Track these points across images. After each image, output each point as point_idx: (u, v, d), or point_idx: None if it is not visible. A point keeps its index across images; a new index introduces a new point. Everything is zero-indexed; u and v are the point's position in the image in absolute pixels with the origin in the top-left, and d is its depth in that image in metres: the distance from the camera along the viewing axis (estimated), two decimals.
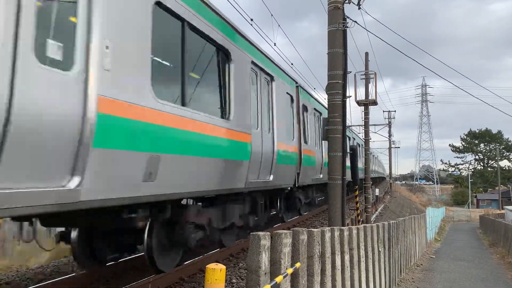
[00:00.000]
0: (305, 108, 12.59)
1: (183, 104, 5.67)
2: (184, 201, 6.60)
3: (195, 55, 6.25)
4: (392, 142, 53.04)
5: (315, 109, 14.17)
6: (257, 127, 8.33)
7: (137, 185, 4.76)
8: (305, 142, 12.30)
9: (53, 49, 3.68)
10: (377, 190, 30.46)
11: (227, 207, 7.71)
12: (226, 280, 4.29)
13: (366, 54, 22.99)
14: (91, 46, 3.97)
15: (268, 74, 9.14)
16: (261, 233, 4.11)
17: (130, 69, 4.54)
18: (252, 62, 8.23)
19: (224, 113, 6.96)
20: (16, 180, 3.34)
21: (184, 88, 5.78)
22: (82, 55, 3.89)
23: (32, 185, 3.46)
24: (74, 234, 6.17)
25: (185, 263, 7.49)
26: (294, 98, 11.33)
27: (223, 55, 7.08)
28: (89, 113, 3.90)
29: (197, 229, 6.69)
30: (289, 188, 11.46)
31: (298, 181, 11.31)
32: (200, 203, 7.15)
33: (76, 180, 3.86)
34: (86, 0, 3.95)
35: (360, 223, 14.12)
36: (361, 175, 22.52)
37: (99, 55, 4.01)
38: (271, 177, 8.87)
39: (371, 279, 8.18)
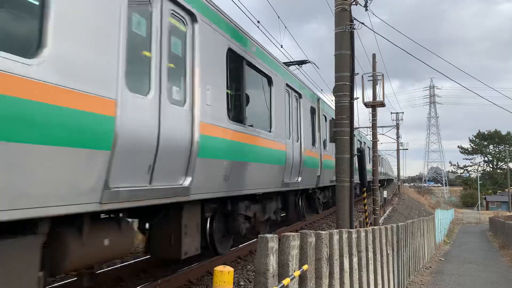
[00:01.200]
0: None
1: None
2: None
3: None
4: (400, 144, 52.80)
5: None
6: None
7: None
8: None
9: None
10: (385, 192, 30.30)
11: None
12: (234, 283, 4.27)
13: (374, 55, 22.89)
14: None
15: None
16: (269, 235, 4.11)
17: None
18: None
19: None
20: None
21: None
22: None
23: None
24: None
25: (192, 264, 7.50)
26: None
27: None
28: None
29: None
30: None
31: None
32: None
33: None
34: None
35: (368, 225, 14.05)
36: (369, 177, 22.47)
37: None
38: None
39: (379, 281, 8.13)
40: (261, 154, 8.34)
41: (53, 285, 6.65)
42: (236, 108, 7.65)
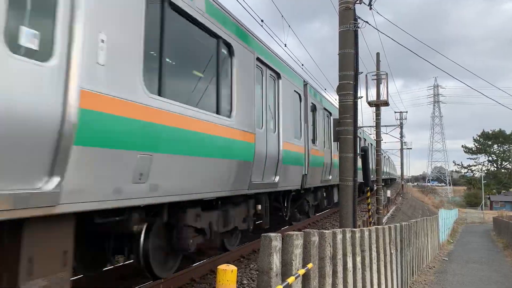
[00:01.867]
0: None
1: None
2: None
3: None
4: (403, 143, 52.69)
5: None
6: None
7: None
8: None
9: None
10: (388, 192, 30.23)
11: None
12: (237, 281, 4.28)
13: (378, 54, 22.83)
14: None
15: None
16: (272, 234, 4.10)
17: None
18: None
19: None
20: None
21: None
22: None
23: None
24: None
25: (195, 264, 7.50)
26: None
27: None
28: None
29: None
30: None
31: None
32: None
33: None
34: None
35: (371, 224, 14.02)
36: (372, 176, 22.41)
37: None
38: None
39: (383, 281, 8.11)
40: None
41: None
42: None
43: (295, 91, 10.77)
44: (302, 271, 4.43)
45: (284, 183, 9.68)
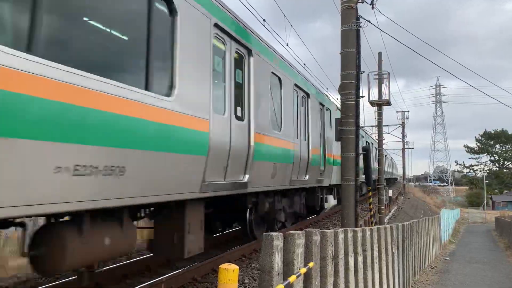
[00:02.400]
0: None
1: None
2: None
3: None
4: (405, 143, 52.61)
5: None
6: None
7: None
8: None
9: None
10: (390, 191, 30.20)
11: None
12: (238, 281, 4.29)
13: (380, 53, 22.80)
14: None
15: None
16: (273, 233, 4.10)
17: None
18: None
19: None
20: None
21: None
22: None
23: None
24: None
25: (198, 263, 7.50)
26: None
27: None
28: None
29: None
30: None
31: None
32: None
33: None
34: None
35: (373, 224, 14.01)
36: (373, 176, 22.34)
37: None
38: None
39: (384, 280, 8.10)
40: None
41: (60, 281, 6.68)
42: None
43: (262, 62, 8.25)
44: (303, 270, 4.43)
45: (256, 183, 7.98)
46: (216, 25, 6.46)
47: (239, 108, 7.34)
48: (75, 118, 3.79)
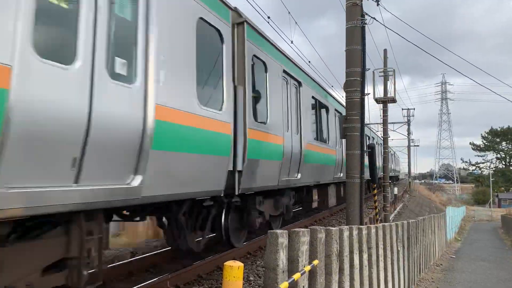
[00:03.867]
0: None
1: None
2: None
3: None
4: (411, 140, 52.44)
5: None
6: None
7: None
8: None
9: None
10: (395, 189, 30.13)
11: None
12: (243, 278, 4.28)
13: (385, 51, 22.72)
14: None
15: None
16: (278, 231, 4.10)
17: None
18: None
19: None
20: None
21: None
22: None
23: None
24: None
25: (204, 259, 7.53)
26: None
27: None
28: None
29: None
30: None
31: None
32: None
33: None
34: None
35: (378, 222, 13.98)
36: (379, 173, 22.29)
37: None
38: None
39: (389, 278, 8.09)
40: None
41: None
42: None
43: (206, 23, 6.24)
44: (308, 268, 4.43)
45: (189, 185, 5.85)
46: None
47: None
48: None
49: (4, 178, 3.17)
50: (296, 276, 4.09)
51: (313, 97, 11.83)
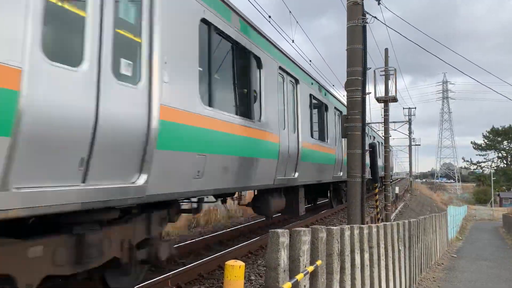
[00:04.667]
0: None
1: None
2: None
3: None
4: (412, 140, 52.40)
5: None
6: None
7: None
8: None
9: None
10: (396, 188, 30.10)
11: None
12: (244, 277, 4.29)
13: (386, 50, 22.69)
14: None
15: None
16: (280, 230, 4.10)
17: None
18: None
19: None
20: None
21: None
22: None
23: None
24: None
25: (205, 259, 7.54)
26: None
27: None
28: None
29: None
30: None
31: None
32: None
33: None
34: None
35: (379, 221, 13.97)
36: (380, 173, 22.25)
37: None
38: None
39: (391, 277, 8.08)
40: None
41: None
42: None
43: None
44: (310, 268, 4.43)
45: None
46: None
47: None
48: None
49: (12, 178, 3.23)
50: (299, 276, 4.09)
51: (311, 95, 11.48)
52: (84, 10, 3.93)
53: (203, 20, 5.98)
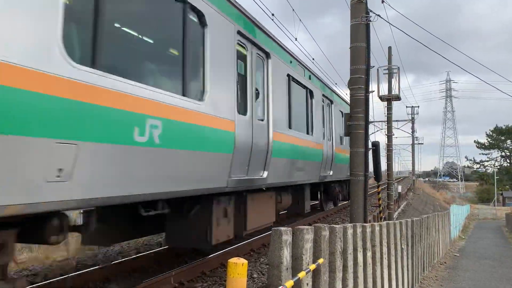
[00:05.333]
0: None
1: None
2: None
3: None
4: (415, 138, 52.31)
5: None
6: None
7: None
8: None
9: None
10: (399, 187, 30.08)
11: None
12: (247, 275, 4.29)
13: (389, 48, 22.63)
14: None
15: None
16: (282, 228, 4.10)
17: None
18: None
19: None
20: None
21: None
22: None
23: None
24: None
25: (208, 257, 7.55)
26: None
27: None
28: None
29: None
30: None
31: None
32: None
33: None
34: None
35: (382, 220, 13.96)
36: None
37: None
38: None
39: (393, 276, 8.08)
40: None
41: (70, 274, 6.75)
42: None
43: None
44: (313, 267, 4.43)
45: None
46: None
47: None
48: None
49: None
50: (301, 274, 4.09)
51: (289, 76, 9.56)
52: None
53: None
